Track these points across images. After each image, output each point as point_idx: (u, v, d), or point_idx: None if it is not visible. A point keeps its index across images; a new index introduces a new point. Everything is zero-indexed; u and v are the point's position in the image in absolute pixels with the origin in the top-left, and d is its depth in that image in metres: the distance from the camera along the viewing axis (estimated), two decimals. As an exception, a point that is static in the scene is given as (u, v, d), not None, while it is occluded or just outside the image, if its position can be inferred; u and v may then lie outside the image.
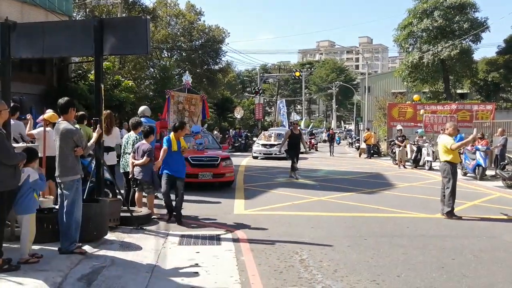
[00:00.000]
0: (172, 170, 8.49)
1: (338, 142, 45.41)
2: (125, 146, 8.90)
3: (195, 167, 12.25)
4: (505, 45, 41.92)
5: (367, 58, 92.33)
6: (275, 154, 23.87)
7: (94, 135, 6.90)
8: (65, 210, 5.91)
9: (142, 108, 11.83)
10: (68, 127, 6.01)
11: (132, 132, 9.00)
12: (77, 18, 28.03)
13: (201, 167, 12.38)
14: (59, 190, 6.14)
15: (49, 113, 7.98)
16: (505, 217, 9.58)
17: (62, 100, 6.14)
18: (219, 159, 12.72)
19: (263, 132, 32.04)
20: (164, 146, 8.55)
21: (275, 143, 24.76)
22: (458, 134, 14.51)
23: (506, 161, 14.28)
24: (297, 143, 16.06)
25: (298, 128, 17.12)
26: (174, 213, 8.44)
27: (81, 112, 9.81)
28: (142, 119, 10.17)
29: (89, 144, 6.51)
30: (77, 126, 8.94)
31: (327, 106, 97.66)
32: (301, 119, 65.33)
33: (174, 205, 8.51)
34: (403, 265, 6.09)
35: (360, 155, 30.36)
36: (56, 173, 6.03)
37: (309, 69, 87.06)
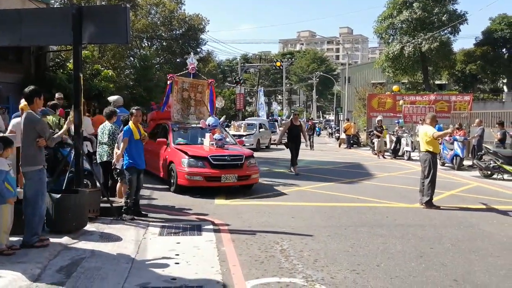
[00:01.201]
0: (137, 163, 7.92)
1: (318, 133, 45.36)
2: (101, 136, 8.72)
3: (217, 168, 10.32)
4: (483, 37, 42.64)
5: (348, 48, 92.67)
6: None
7: (64, 126, 6.75)
8: (27, 201, 5.77)
9: (114, 97, 11.31)
10: (30, 116, 5.84)
11: (107, 122, 8.81)
12: (56, 6, 27.44)
13: (224, 168, 10.40)
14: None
15: (22, 103, 7.82)
16: (484, 206, 9.75)
17: (27, 89, 5.99)
18: (244, 158, 10.82)
19: (233, 122, 31.91)
20: (125, 137, 7.84)
21: (244, 133, 24.63)
22: (436, 124, 14.77)
23: (483, 151, 14.51)
24: (297, 135, 14.88)
25: (299, 119, 15.88)
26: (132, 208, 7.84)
27: (52, 102, 9.66)
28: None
29: (57, 135, 6.33)
30: (50, 116, 8.87)
31: (307, 96, 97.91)
32: (282, 109, 65.36)
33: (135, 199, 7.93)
34: (382, 255, 6.17)
35: (340, 145, 30.56)
36: (20, 163, 5.90)
37: (290, 59, 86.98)
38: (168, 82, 12.67)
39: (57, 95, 11.10)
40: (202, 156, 10.44)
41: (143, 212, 8.05)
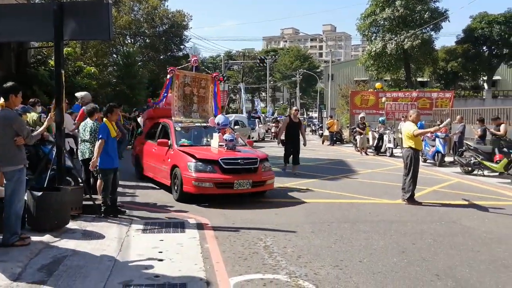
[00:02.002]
0: (114, 161, 7.76)
1: None
2: (82, 133, 8.60)
3: (229, 173, 9.13)
4: (464, 35, 43.16)
5: (331, 46, 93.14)
6: None
7: (44, 123, 6.64)
8: (5, 201, 5.66)
9: (82, 93, 10.93)
10: (6, 114, 5.70)
11: (88, 120, 8.68)
12: (37, 2, 27.06)
13: (237, 173, 9.22)
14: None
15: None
16: (465, 202, 9.89)
17: (4, 86, 5.86)
18: (258, 161, 9.68)
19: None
20: (103, 137, 7.54)
21: None
22: (419, 121, 14.93)
23: (464, 148, 14.72)
24: (295, 133, 13.78)
25: (298, 116, 14.67)
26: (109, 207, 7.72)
27: (31, 99, 9.55)
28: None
29: (35, 133, 6.19)
30: (33, 113, 8.76)
31: (291, 93, 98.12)
32: (265, 106, 65.43)
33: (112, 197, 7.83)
34: (365, 250, 6.23)
35: (323, 142, 30.70)
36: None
37: (273, 57, 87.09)
38: (168, 76, 11.63)
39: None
40: (211, 159, 9.25)
41: (122, 209, 7.99)
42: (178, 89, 11.44)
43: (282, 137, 14.55)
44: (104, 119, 7.88)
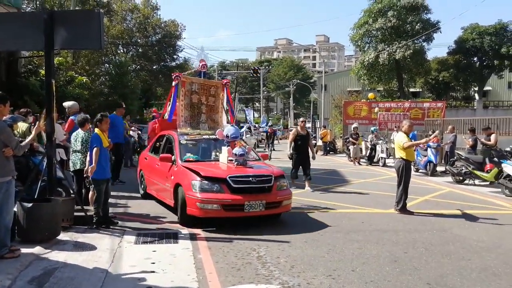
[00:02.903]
0: (106, 172, 7.66)
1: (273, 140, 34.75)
2: (73, 144, 8.52)
3: (239, 192, 7.91)
4: (455, 46, 43.60)
5: (324, 56, 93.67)
6: None
7: (33, 133, 6.56)
8: None
9: (69, 103, 10.72)
10: None
11: (80, 130, 8.61)
12: (28, 11, 27.02)
13: (248, 193, 7.99)
14: None
15: None
16: (456, 211, 9.91)
17: None
18: (273, 179, 8.37)
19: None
20: (96, 146, 7.41)
21: None
22: (411, 132, 15.01)
23: (455, 158, 14.81)
24: (304, 146, 12.74)
25: (306, 128, 13.51)
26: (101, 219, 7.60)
27: (22, 109, 9.52)
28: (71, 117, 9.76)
29: (24, 143, 6.07)
30: (23, 124, 8.70)
31: (284, 104, 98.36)
32: (259, 117, 65.48)
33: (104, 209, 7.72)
34: (357, 260, 6.22)
35: (316, 152, 30.66)
36: None
37: (267, 67, 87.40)
38: (174, 83, 10.51)
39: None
40: (219, 178, 8.05)
41: (114, 220, 7.94)
42: (184, 98, 10.43)
43: (291, 151, 12.95)
44: (96, 129, 7.79)
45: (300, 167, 12.80)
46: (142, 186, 11.01)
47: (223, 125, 10.67)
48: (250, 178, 8.15)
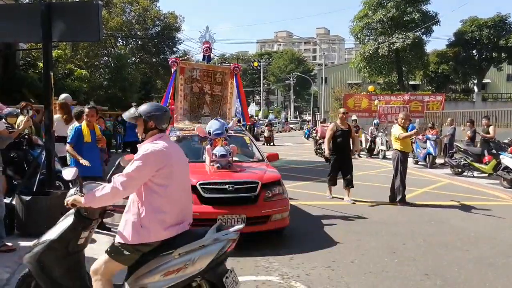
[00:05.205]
0: (89, 170, 6.64)
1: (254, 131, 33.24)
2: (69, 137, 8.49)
3: (209, 203, 6.33)
4: (454, 38, 43.45)
5: (324, 49, 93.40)
6: None
7: (20, 126, 6.50)
8: None
9: (63, 96, 10.36)
10: None
11: (76, 123, 8.56)
12: (25, 2, 26.94)
13: (223, 204, 6.36)
14: None
15: None
16: (454, 203, 9.94)
17: None
18: (259, 186, 6.55)
19: None
20: (72, 142, 6.88)
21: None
22: (410, 123, 15.02)
23: (454, 150, 14.83)
24: (345, 144, 10.09)
25: (347, 121, 10.61)
26: None
27: (22, 102, 9.51)
28: None
29: (7, 136, 6.01)
30: (22, 117, 8.68)
31: (285, 96, 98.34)
32: (260, 110, 65.39)
33: None
34: (356, 251, 6.24)
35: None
36: None
37: (267, 60, 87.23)
38: (172, 70, 9.19)
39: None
40: None
41: (107, 226, 7.09)
42: (183, 87, 9.01)
43: (328, 152, 10.35)
44: (76, 122, 7.25)
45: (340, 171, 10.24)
46: None
47: (232, 119, 8.85)
48: (226, 186, 6.42)
